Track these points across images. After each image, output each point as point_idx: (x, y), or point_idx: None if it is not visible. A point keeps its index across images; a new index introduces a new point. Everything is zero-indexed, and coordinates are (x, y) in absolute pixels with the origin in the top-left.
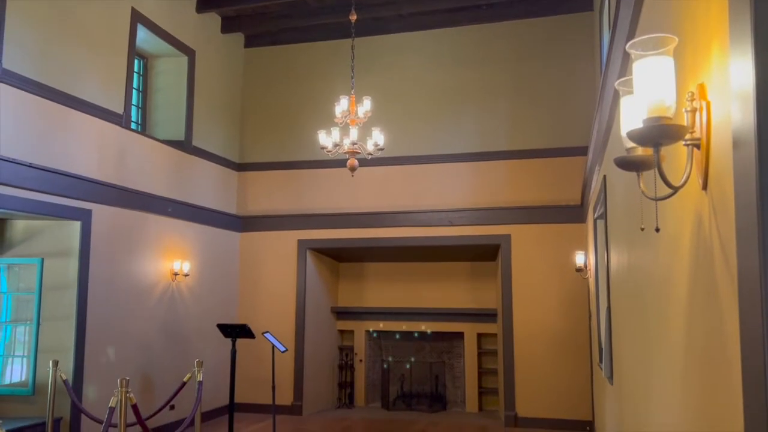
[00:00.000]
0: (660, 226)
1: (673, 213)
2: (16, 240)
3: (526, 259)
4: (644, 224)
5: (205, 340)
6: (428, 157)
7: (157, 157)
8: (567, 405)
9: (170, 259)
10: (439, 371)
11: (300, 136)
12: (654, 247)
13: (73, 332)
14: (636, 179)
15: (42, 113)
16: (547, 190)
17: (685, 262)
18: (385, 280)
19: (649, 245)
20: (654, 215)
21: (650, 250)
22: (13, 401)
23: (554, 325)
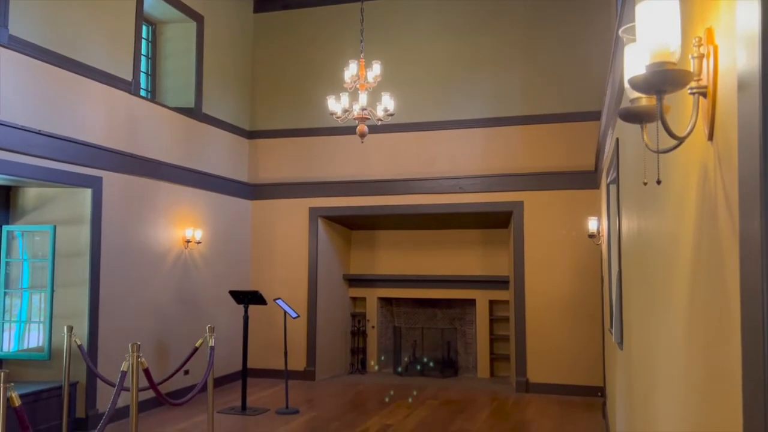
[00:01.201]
0: (666, 183)
1: (679, 168)
2: (29, 207)
3: (538, 226)
4: (647, 179)
5: (218, 306)
6: (439, 123)
7: (167, 125)
8: (579, 371)
9: (182, 226)
10: (450, 338)
11: (310, 103)
12: (661, 207)
13: (87, 298)
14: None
15: (50, 80)
16: (560, 156)
17: (690, 220)
18: (397, 247)
19: (657, 206)
20: (660, 169)
21: (657, 211)
22: (31, 366)
23: (566, 291)
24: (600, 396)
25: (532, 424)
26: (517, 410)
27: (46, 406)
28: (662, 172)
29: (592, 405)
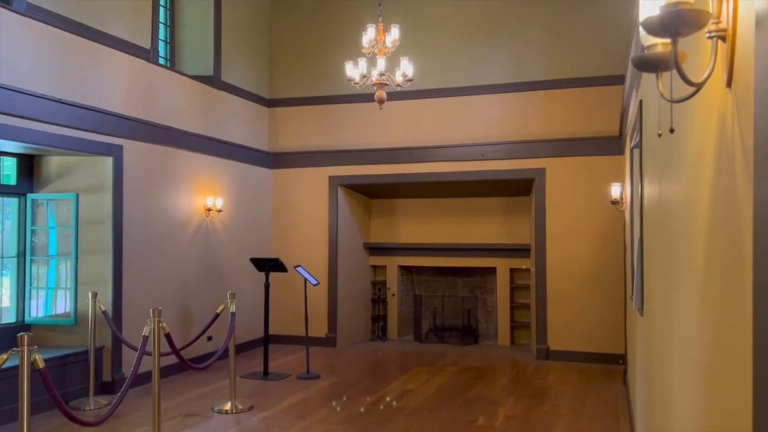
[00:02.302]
0: (683, 139)
1: (697, 120)
2: (53, 176)
3: (560, 193)
4: (662, 130)
5: (240, 274)
6: (460, 89)
7: (187, 93)
8: (600, 338)
9: (203, 195)
10: (471, 305)
11: (329, 70)
12: (679, 167)
13: (111, 265)
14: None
15: (69, 48)
16: (584, 121)
17: (707, 177)
18: (417, 216)
19: (675, 165)
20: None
21: (676, 171)
22: (59, 331)
23: (588, 258)
24: (621, 363)
25: (551, 390)
26: (537, 377)
27: (73, 369)
28: (680, 126)
29: (612, 373)
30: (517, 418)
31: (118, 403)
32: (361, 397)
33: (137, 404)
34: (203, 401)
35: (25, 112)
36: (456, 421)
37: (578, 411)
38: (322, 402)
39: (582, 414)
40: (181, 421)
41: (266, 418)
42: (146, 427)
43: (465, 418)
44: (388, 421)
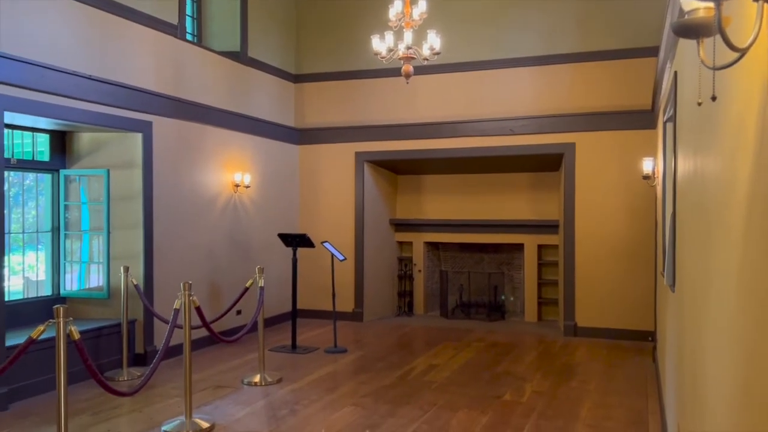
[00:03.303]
0: (724, 110)
1: (739, 90)
2: (84, 152)
3: (590, 168)
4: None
5: (268, 249)
6: (488, 62)
7: (214, 69)
8: (629, 315)
9: (231, 171)
10: (498, 282)
11: (356, 45)
12: (718, 140)
13: (141, 240)
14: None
15: (99, 25)
16: (615, 95)
17: (749, 150)
18: (444, 192)
19: (714, 138)
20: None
21: (714, 144)
22: (92, 304)
23: (618, 234)
24: (650, 340)
25: (579, 366)
26: (565, 353)
27: (107, 341)
28: (720, 95)
29: (641, 349)
30: (545, 394)
31: (150, 374)
32: (388, 371)
33: (169, 376)
34: (233, 373)
35: (57, 89)
36: (483, 396)
37: (606, 387)
38: (350, 375)
39: (610, 390)
40: (212, 393)
41: (294, 391)
42: (178, 398)
43: (492, 393)
44: (414, 395)
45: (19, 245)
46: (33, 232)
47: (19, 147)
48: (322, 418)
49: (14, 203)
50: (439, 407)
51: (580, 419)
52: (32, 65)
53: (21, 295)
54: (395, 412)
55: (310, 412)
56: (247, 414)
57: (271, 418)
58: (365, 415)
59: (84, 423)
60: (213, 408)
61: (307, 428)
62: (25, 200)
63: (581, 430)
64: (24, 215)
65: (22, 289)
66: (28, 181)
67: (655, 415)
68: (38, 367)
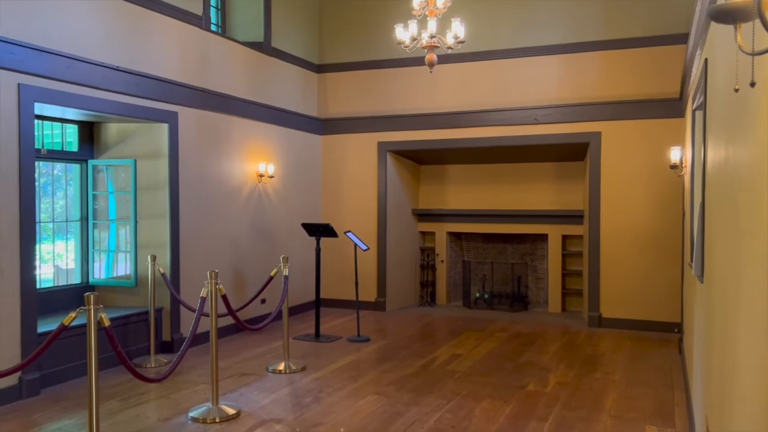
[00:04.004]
0: (756, 96)
1: None
2: (111, 142)
3: (616, 158)
4: (739, 85)
5: (292, 238)
6: (513, 50)
7: (238, 60)
8: (655, 306)
9: (255, 161)
10: (521, 272)
11: (378, 34)
12: (752, 129)
13: (168, 229)
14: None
15: (125, 16)
16: (642, 83)
17: None
18: (466, 182)
19: (747, 127)
20: (748, 80)
21: (748, 133)
22: (120, 292)
23: (644, 225)
24: (677, 332)
25: (603, 357)
26: (589, 344)
27: (135, 329)
28: (757, 82)
29: (667, 341)
30: (568, 385)
31: (178, 361)
32: (410, 360)
33: (195, 363)
34: (258, 361)
35: (85, 80)
36: (506, 386)
37: (631, 378)
38: (373, 364)
39: (635, 381)
40: (237, 380)
41: (318, 379)
42: (204, 384)
43: (515, 383)
44: (437, 384)
45: (49, 234)
46: (62, 221)
47: (49, 138)
48: (346, 406)
49: (43, 193)
50: (462, 396)
51: (604, 410)
52: (61, 56)
53: (51, 283)
54: (419, 400)
55: (334, 400)
56: (272, 401)
57: (295, 406)
58: (389, 404)
59: (113, 408)
60: (238, 395)
61: (332, 416)
62: (54, 190)
63: (606, 420)
64: (53, 205)
65: (52, 278)
66: (56, 171)
67: (681, 407)
68: (69, 354)
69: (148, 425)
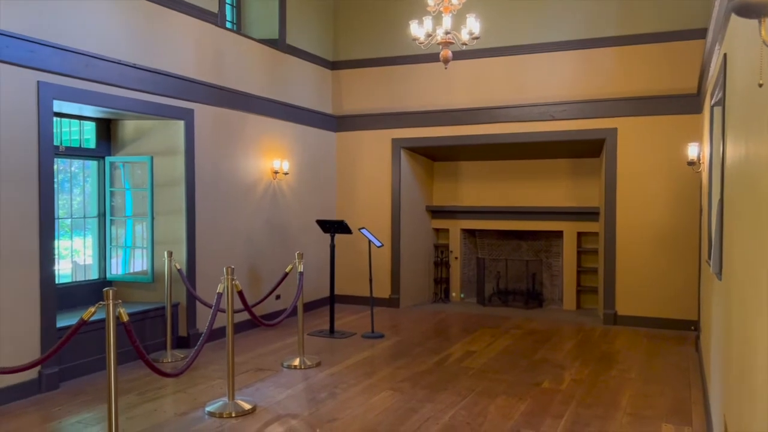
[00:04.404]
0: None
1: None
2: (128, 139)
3: (633, 154)
4: (763, 80)
5: (306, 235)
6: (527, 46)
7: (253, 57)
8: (671, 304)
9: (270, 157)
10: (536, 269)
11: (393, 30)
12: None
13: (184, 226)
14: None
15: (142, 14)
16: (659, 79)
17: None
18: (481, 178)
19: (766, 121)
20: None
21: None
22: (137, 288)
23: (661, 222)
24: (693, 330)
25: (619, 355)
26: (604, 342)
27: (152, 324)
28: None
29: (684, 339)
30: (584, 382)
31: (195, 356)
32: (425, 356)
33: (210, 358)
34: (273, 357)
35: (103, 78)
36: (521, 383)
37: (647, 376)
38: (387, 360)
39: (651, 379)
40: (253, 375)
41: (333, 375)
42: (220, 379)
43: (530, 380)
44: (452, 381)
45: (67, 230)
46: (80, 217)
47: (67, 135)
48: (361, 402)
49: (61, 189)
50: (476, 393)
51: (620, 408)
52: (80, 54)
53: (70, 278)
54: (433, 397)
55: (349, 396)
56: (288, 396)
57: (311, 401)
58: (403, 400)
59: (131, 402)
60: (254, 390)
61: (347, 411)
62: (71, 187)
63: (621, 418)
64: (71, 201)
65: (70, 273)
66: (74, 167)
67: (698, 406)
68: (87, 348)
69: (166, 419)
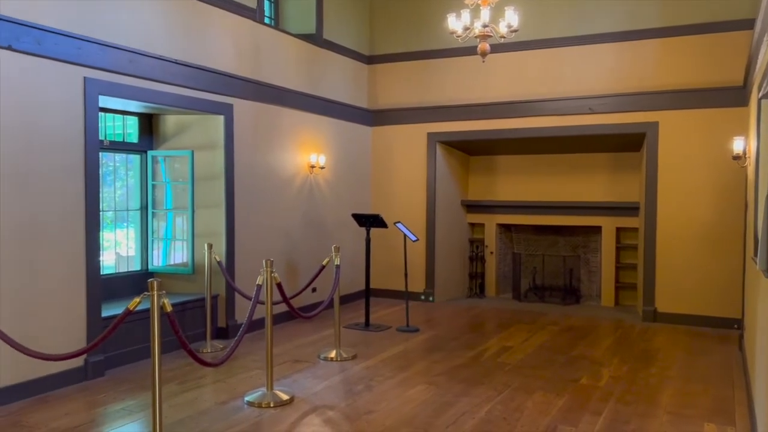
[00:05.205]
0: None
1: None
2: (170, 134)
3: (675, 148)
4: None
5: (342, 229)
6: (567, 39)
7: (290, 52)
8: (714, 302)
9: (306, 152)
10: (573, 265)
11: (429, 24)
12: None
13: (224, 219)
14: None
15: (183, 10)
16: (703, 71)
17: None
18: (517, 172)
19: None
20: None
21: None
22: (178, 279)
23: (703, 217)
24: (737, 328)
25: (659, 352)
26: (643, 339)
27: (192, 315)
28: None
29: (727, 337)
30: (622, 379)
31: (235, 346)
32: (460, 351)
33: (248, 349)
34: (310, 348)
35: (146, 73)
36: (558, 379)
37: (688, 375)
38: (422, 354)
39: (693, 378)
40: (290, 366)
41: (369, 367)
42: (258, 370)
43: (567, 376)
44: (488, 376)
45: (109, 223)
46: (123, 210)
47: (111, 129)
48: (397, 395)
49: (104, 182)
50: (513, 389)
51: (660, 406)
52: (124, 51)
53: (113, 269)
54: (469, 391)
55: (385, 389)
56: (325, 388)
57: (347, 393)
58: (439, 394)
59: (173, 391)
60: (292, 381)
61: (383, 404)
62: (114, 180)
63: (662, 416)
64: (114, 194)
65: (114, 264)
66: (116, 162)
67: (741, 406)
68: (130, 337)
69: (206, 408)
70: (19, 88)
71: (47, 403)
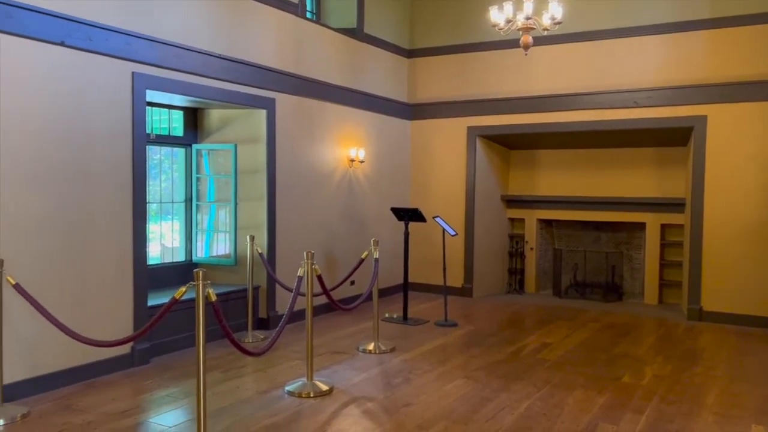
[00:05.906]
0: None
1: None
2: (213, 128)
3: (724, 143)
4: None
5: (381, 223)
6: (610, 31)
7: (331, 46)
8: (762, 301)
9: (346, 146)
10: (615, 262)
11: (470, 17)
12: None
13: (265, 211)
14: None
15: (226, 6)
16: (754, 63)
17: None
18: (559, 167)
19: None
20: None
21: None
22: (221, 270)
23: (753, 214)
24: None
25: (704, 352)
26: (688, 338)
27: (234, 305)
28: None
29: None
30: (666, 378)
31: (276, 337)
32: (499, 346)
33: (289, 339)
34: (348, 340)
35: (191, 68)
36: (599, 376)
37: (735, 374)
38: (460, 349)
39: (739, 377)
40: (330, 357)
41: (407, 360)
42: (298, 360)
43: (609, 374)
44: (527, 372)
45: (154, 215)
46: (168, 202)
47: (157, 123)
48: (435, 389)
49: (150, 176)
50: (553, 385)
51: (705, 406)
52: (170, 46)
53: (159, 260)
54: (508, 387)
55: (424, 382)
56: (363, 379)
57: (386, 385)
58: (478, 388)
59: (216, 379)
60: (331, 372)
61: (421, 397)
62: (160, 173)
63: (707, 416)
64: (160, 186)
65: (159, 255)
66: (161, 155)
67: None
68: (175, 326)
69: (248, 396)
70: (71, 84)
71: (95, 388)
